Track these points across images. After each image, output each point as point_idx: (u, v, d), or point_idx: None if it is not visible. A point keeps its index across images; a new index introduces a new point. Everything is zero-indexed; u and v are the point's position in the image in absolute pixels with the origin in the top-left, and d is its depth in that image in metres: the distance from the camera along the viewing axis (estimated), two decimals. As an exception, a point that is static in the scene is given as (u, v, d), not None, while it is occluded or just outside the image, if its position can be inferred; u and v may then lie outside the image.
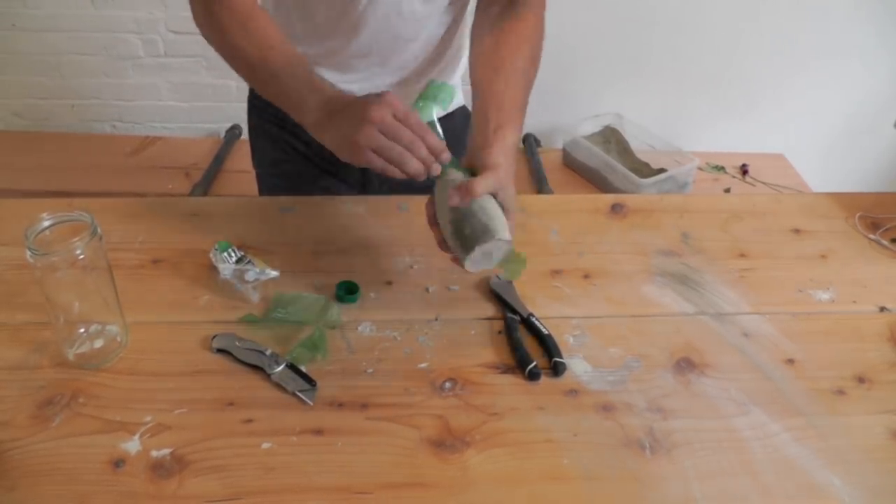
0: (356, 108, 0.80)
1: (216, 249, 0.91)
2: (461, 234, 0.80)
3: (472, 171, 0.84)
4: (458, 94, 1.21)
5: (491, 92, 0.90)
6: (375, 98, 0.79)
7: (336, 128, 0.82)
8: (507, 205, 0.83)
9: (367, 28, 1.00)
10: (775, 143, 2.44)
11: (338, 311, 0.88)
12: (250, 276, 0.89)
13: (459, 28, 1.11)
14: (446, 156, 0.82)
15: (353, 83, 1.07)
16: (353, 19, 0.98)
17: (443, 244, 0.84)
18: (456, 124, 1.20)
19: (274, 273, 0.91)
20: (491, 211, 0.80)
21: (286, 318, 0.86)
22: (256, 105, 1.21)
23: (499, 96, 0.90)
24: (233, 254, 0.91)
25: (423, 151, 0.80)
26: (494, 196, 0.82)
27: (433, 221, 0.85)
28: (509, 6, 0.98)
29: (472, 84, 0.95)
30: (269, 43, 0.89)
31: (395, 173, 0.80)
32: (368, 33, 1.00)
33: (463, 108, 1.23)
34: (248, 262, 0.91)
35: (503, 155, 0.84)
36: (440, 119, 1.17)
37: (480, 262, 0.81)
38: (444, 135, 1.18)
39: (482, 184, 0.80)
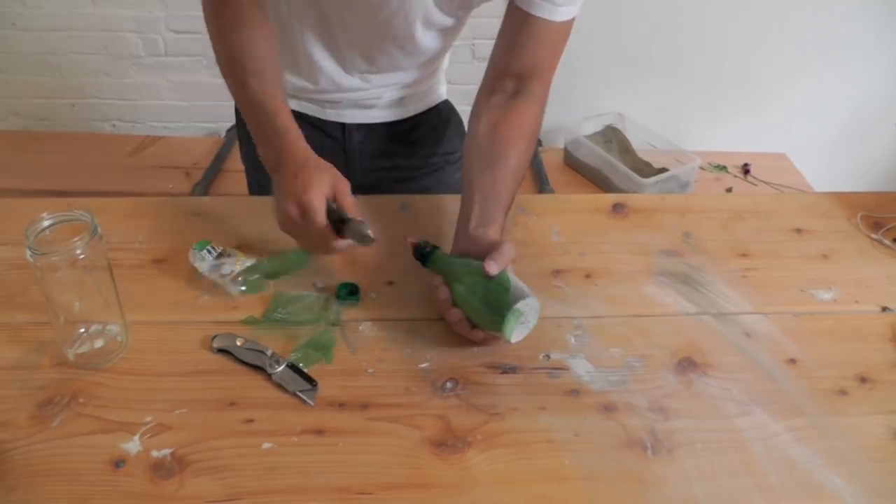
0: (282, 191, 0.85)
1: (194, 249, 0.91)
2: (494, 306, 0.78)
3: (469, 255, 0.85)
4: (442, 88, 1.23)
5: (480, 188, 0.90)
6: (296, 193, 0.83)
7: (276, 189, 0.88)
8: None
9: (386, 37, 1.01)
10: (777, 143, 2.44)
11: (337, 311, 0.88)
12: (226, 269, 0.89)
13: (446, 53, 1.14)
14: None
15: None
16: (376, 26, 1.00)
17: (464, 325, 0.82)
18: (440, 117, 1.24)
19: (251, 261, 0.91)
20: (513, 280, 0.80)
21: (286, 318, 0.86)
22: None
23: (485, 194, 0.90)
24: (212, 251, 0.91)
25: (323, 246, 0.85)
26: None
27: (449, 307, 0.83)
28: (512, 97, 0.97)
29: (464, 173, 0.95)
30: (257, 66, 0.92)
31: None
32: (385, 43, 1.02)
33: (446, 102, 1.25)
34: (228, 255, 0.91)
35: (497, 236, 0.86)
36: (422, 113, 1.21)
37: (519, 330, 0.80)
38: (427, 128, 1.22)
39: (505, 254, 0.81)
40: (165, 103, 2.44)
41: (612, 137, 2.35)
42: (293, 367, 0.80)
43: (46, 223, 0.75)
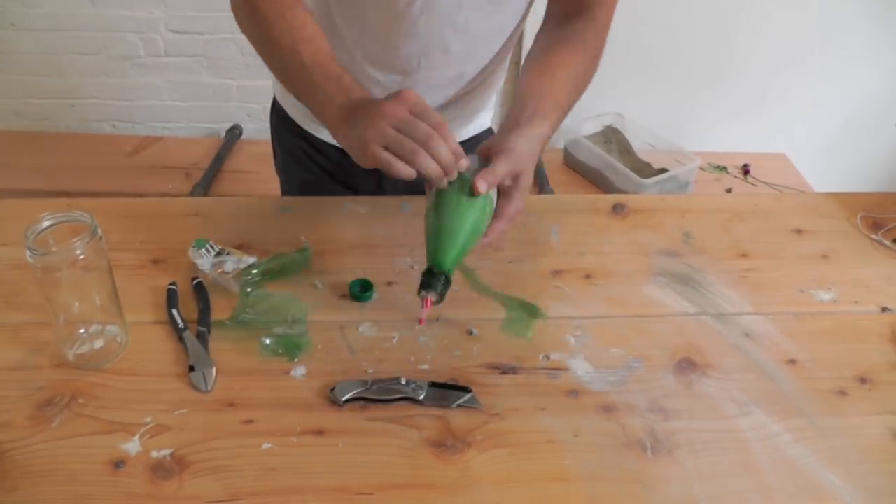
0: (372, 105, 0.76)
1: (193, 247, 0.91)
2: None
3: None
4: (487, 117, 1.19)
5: (532, 87, 0.87)
6: (393, 94, 0.76)
7: (351, 125, 0.79)
8: (514, 195, 0.80)
9: (417, 38, 0.95)
10: (777, 143, 2.44)
11: (304, 310, 0.87)
12: (228, 266, 0.89)
13: (509, 54, 1.07)
14: (465, 162, 0.76)
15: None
16: (405, 26, 0.94)
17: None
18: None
19: (251, 259, 0.91)
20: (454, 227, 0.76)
21: (255, 319, 0.86)
22: (280, 115, 1.18)
23: (539, 91, 0.86)
24: (211, 249, 0.91)
25: (443, 150, 0.73)
26: (505, 188, 0.80)
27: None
28: (573, 21, 0.96)
29: (519, 83, 0.91)
30: (305, 35, 0.85)
31: (406, 172, 0.73)
32: (418, 44, 0.96)
33: (489, 131, 1.21)
34: (228, 253, 0.91)
35: (523, 138, 0.81)
36: (463, 143, 1.12)
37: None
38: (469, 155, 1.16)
39: (491, 174, 0.77)
40: (165, 103, 2.44)
41: (612, 138, 2.35)
42: (437, 384, 0.78)
43: (46, 223, 0.75)
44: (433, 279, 0.76)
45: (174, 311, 0.85)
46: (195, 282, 0.89)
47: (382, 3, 0.91)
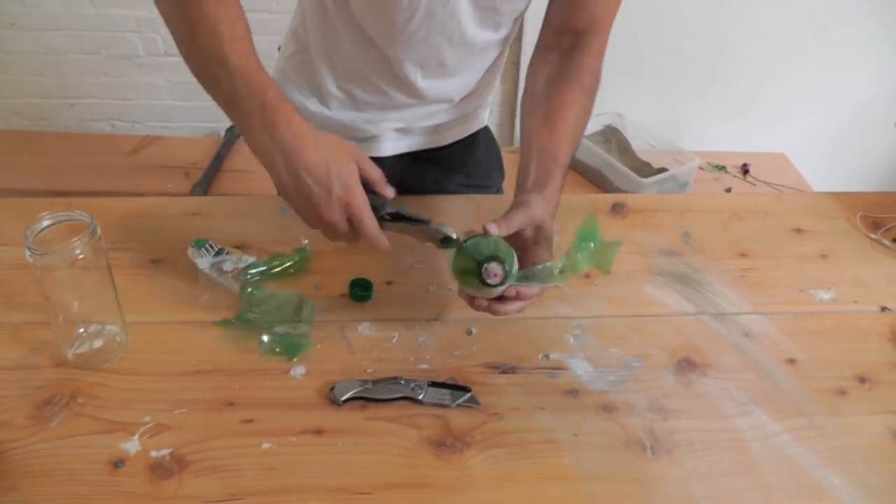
0: (312, 189, 0.77)
1: (193, 247, 0.91)
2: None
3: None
4: (484, 115, 1.20)
5: (537, 147, 0.89)
6: (336, 189, 0.77)
7: (287, 187, 0.80)
8: (542, 243, 0.84)
9: (414, 51, 0.96)
10: (776, 143, 2.44)
11: (311, 309, 0.87)
12: (228, 265, 0.89)
13: (505, 58, 1.09)
14: (494, 227, 0.79)
15: (387, 121, 1.07)
16: (403, 39, 0.94)
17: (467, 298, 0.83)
18: (478, 146, 1.20)
19: (251, 259, 0.91)
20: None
21: (259, 319, 0.86)
22: None
23: (541, 151, 0.89)
24: (211, 248, 0.91)
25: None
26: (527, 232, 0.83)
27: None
28: (569, 52, 0.96)
29: (522, 131, 0.94)
30: (235, 33, 0.78)
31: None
32: (416, 56, 0.97)
33: (485, 129, 1.22)
34: (227, 253, 0.91)
35: (533, 196, 0.84)
36: (459, 140, 1.15)
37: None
38: (467, 158, 1.18)
39: (509, 222, 0.80)
40: (165, 103, 2.44)
41: (612, 137, 2.35)
42: (437, 384, 0.79)
43: (46, 223, 0.75)
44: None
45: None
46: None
47: (382, 16, 0.92)
